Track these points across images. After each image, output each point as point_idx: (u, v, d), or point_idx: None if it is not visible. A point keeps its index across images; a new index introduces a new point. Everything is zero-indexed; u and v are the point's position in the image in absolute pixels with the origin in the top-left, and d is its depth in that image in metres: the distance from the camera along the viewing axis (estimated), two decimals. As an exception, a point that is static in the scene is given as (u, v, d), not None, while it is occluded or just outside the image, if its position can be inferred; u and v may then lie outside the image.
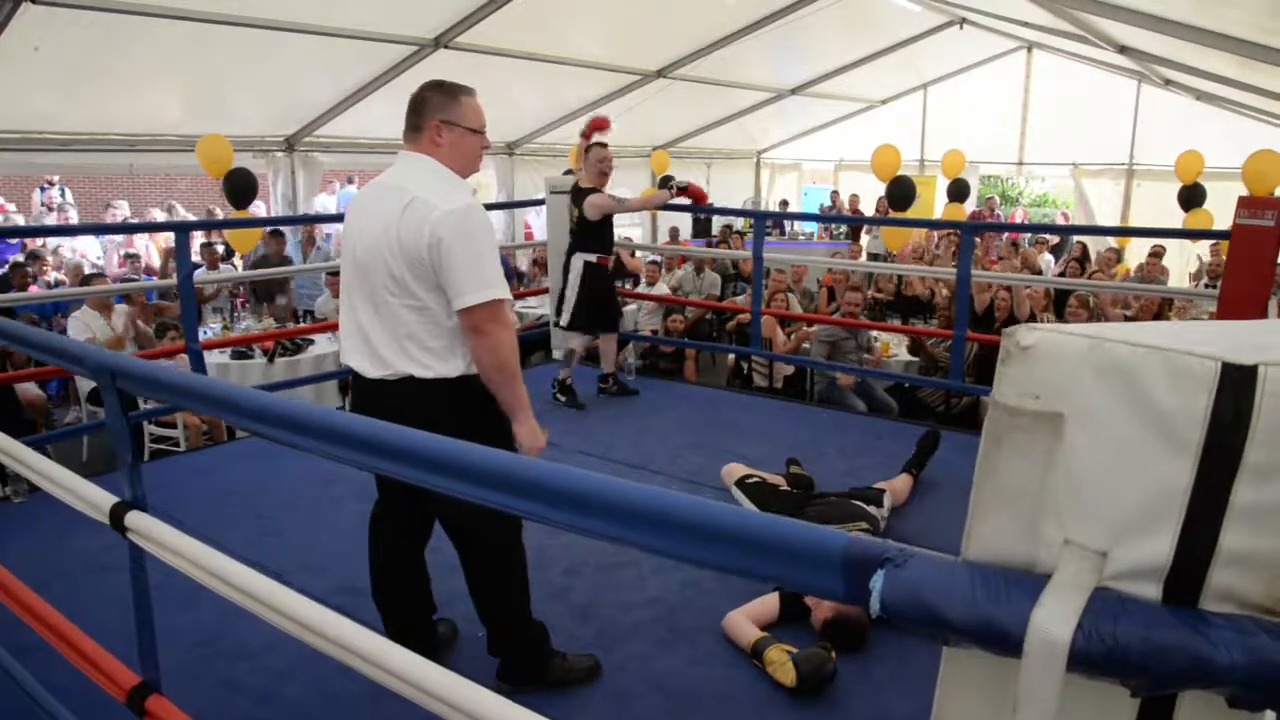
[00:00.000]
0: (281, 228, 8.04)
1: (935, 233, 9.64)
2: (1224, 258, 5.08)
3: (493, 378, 2.08)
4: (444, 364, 2.06)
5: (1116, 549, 0.63)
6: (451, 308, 2.01)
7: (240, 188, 6.71)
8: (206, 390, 1.39)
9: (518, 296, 7.32)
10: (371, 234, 2.03)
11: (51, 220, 10.15)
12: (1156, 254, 8.67)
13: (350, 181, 12.77)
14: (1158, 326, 0.69)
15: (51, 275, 7.38)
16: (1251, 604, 0.61)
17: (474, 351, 2.05)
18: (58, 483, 1.70)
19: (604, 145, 4.86)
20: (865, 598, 0.69)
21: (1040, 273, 8.98)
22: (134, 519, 1.50)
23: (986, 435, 0.68)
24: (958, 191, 10.25)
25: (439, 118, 2.09)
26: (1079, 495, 0.64)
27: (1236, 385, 0.59)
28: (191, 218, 10.17)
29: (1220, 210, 8.55)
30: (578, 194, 4.74)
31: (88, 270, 7.24)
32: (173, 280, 4.65)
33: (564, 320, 4.83)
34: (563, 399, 4.89)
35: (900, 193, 8.96)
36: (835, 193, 12.99)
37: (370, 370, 2.08)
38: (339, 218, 9.92)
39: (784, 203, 13.45)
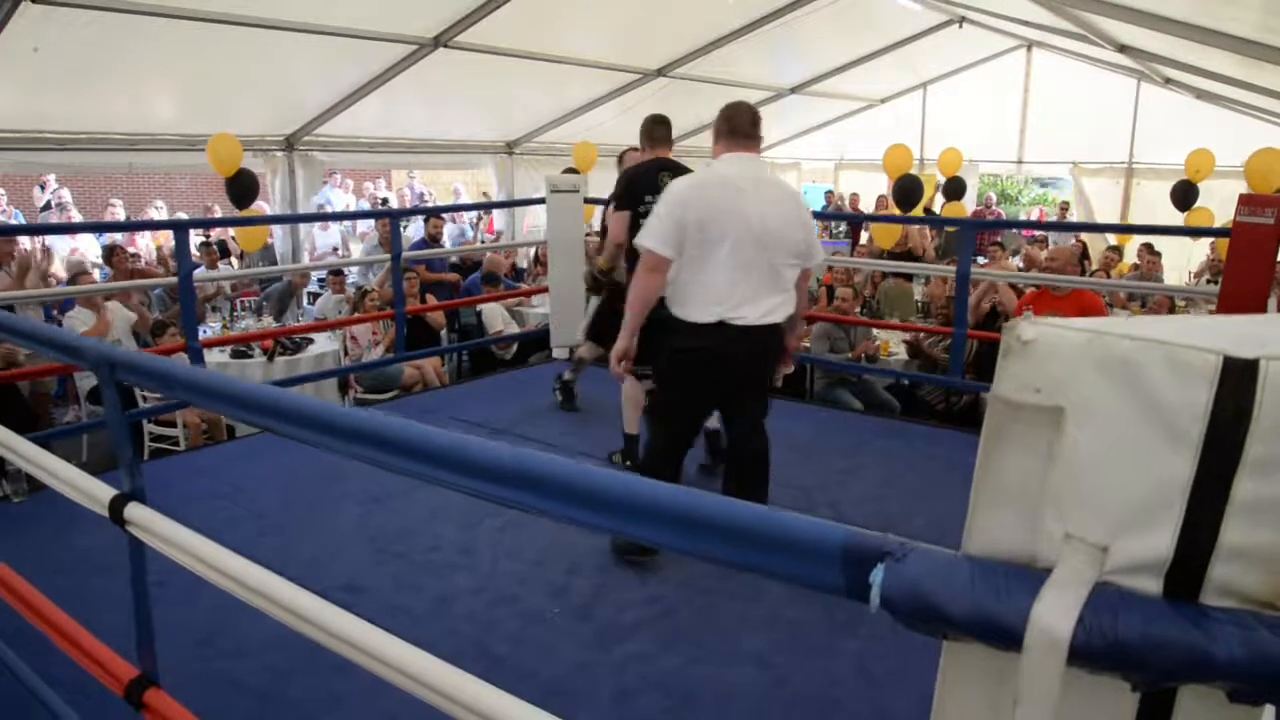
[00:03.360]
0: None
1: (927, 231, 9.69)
2: (1223, 255, 5.08)
3: (799, 316, 3.11)
4: (792, 309, 2.96)
5: (1117, 543, 0.63)
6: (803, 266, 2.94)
7: (244, 189, 6.80)
8: (206, 383, 1.37)
9: (527, 294, 7.34)
10: (774, 216, 2.81)
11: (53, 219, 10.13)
12: (1150, 248, 8.64)
13: (328, 178, 12.53)
14: (1159, 320, 0.68)
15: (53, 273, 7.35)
16: (1253, 598, 0.61)
17: (800, 297, 3.02)
18: (57, 476, 1.70)
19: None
20: (865, 592, 0.69)
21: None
22: (133, 511, 1.50)
23: (987, 429, 0.67)
24: (954, 189, 10.23)
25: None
26: (1080, 489, 0.64)
27: (1238, 379, 0.58)
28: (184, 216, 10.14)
29: (1220, 208, 8.56)
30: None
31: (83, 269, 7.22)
32: (170, 279, 4.65)
33: (584, 328, 4.72)
34: (560, 398, 4.90)
35: (906, 191, 8.95)
36: (830, 193, 12.96)
37: (755, 319, 2.83)
38: (338, 217, 10.02)
39: None
